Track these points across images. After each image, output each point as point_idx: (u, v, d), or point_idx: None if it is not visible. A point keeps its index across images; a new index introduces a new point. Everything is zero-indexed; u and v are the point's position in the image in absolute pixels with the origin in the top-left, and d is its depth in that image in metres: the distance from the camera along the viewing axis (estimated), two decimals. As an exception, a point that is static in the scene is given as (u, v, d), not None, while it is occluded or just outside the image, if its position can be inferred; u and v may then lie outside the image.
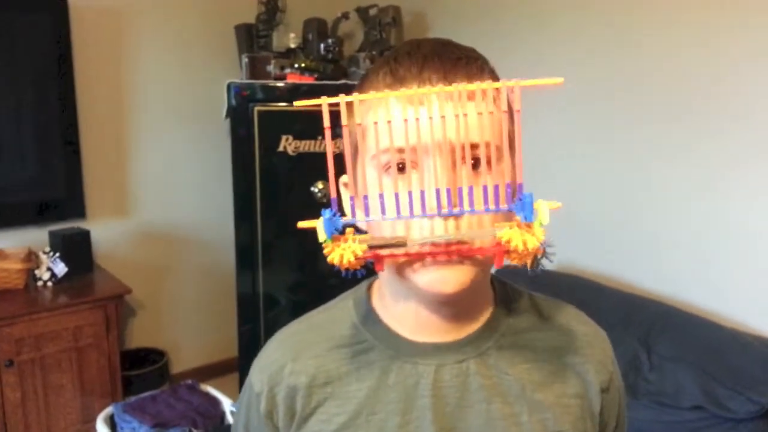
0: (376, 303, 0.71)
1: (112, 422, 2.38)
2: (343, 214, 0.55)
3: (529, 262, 0.54)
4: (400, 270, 0.60)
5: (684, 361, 1.94)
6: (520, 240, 0.52)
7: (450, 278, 0.58)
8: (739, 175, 2.03)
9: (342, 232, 0.54)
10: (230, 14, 3.00)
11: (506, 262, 0.56)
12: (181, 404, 2.44)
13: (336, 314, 0.72)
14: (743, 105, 2.00)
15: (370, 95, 0.54)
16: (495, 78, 0.61)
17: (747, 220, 2.03)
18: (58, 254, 2.57)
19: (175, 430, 2.25)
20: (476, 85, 0.52)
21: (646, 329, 2.07)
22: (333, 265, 0.53)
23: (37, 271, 2.55)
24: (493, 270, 0.65)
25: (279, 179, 2.78)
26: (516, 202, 0.53)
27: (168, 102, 2.99)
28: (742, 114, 2.00)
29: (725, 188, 2.07)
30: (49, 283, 2.54)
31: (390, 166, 0.58)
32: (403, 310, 0.67)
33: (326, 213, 0.53)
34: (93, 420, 2.39)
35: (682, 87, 2.15)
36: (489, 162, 0.55)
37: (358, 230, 0.56)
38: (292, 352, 0.70)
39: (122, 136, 2.92)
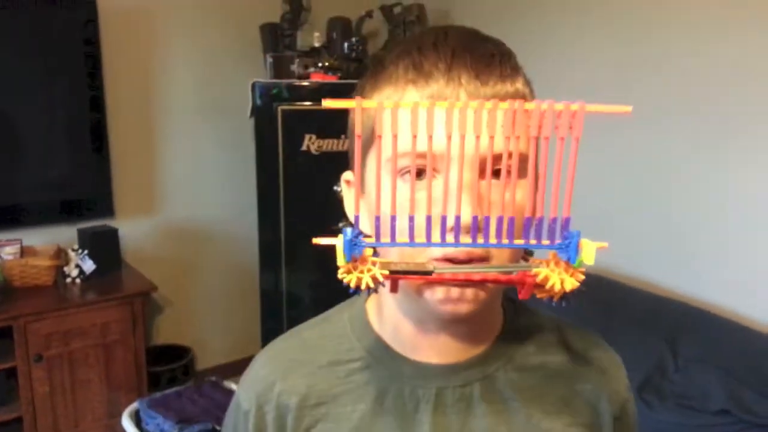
0: (373, 318, 0.65)
1: (137, 417, 2.41)
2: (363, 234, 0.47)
3: (556, 297, 0.49)
4: (418, 290, 0.54)
5: (710, 363, 1.90)
6: (557, 280, 0.47)
7: (465, 297, 0.53)
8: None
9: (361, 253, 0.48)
10: (255, 14, 3.02)
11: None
12: (205, 400, 2.47)
13: (329, 329, 0.66)
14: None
15: (403, 103, 0.43)
16: (526, 77, 0.55)
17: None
18: (86, 251, 2.62)
19: (198, 426, 2.27)
20: (534, 105, 0.43)
21: (672, 330, 2.04)
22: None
23: (66, 268, 2.59)
24: None
25: (302, 178, 2.79)
26: (560, 241, 0.46)
27: (194, 101, 3.02)
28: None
29: (756, 188, 2.03)
30: (78, 280, 2.58)
31: (406, 171, 0.51)
32: (405, 326, 0.61)
33: (348, 233, 0.46)
34: (119, 415, 2.43)
35: (711, 83, 2.11)
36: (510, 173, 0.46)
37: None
38: (282, 369, 0.64)
39: (149, 135, 2.96)
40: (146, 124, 2.94)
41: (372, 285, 0.47)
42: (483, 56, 0.52)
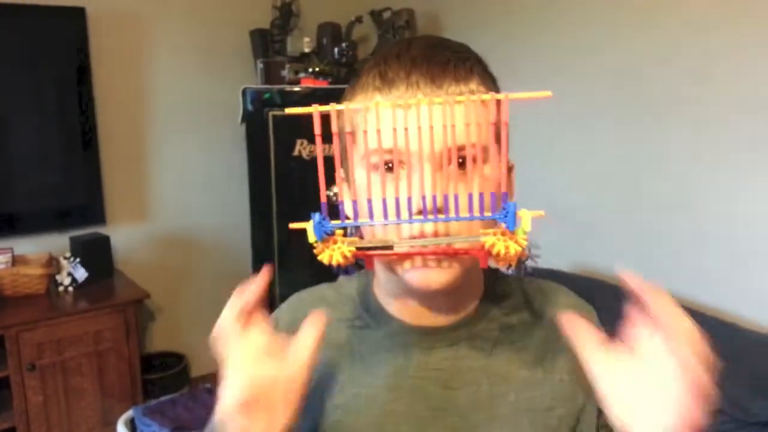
0: (377, 288, 0.73)
1: (132, 425, 2.40)
2: (334, 217, 0.57)
3: (513, 263, 0.57)
4: (390, 267, 0.63)
5: (704, 362, 1.91)
6: (502, 246, 0.55)
7: (434, 277, 0.60)
8: (763, 174, 2.01)
9: (332, 234, 0.57)
10: (245, 20, 3.03)
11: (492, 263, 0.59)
12: (200, 408, 2.46)
13: (342, 291, 0.76)
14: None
15: (360, 104, 0.57)
16: (485, 77, 0.62)
17: None
18: (78, 260, 2.61)
19: (194, 433, 2.27)
20: (465, 98, 0.54)
21: (665, 331, 2.05)
22: (324, 265, 0.57)
23: (58, 277, 2.58)
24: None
25: (294, 183, 2.79)
26: (500, 211, 0.55)
27: (185, 108, 3.02)
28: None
29: (751, 190, 2.05)
30: (70, 288, 2.57)
31: (379, 167, 0.59)
32: (396, 299, 0.70)
33: (316, 217, 0.56)
34: (114, 423, 2.42)
35: (706, 85, 2.13)
36: (475, 161, 0.56)
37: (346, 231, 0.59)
38: (299, 313, 0.69)
39: (140, 143, 2.95)
40: (137, 131, 2.93)
41: (341, 260, 0.56)
42: (439, 63, 0.59)
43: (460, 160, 0.57)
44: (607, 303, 2.27)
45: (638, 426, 0.51)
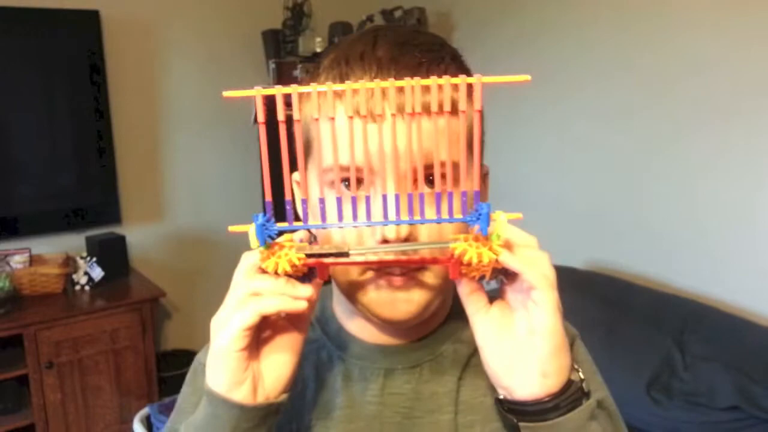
0: (336, 304, 0.66)
1: (148, 422, 2.42)
2: (281, 220, 0.49)
3: (487, 275, 0.50)
4: (347, 291, 0.55)
5: (719, 360, 1.90)
6: (474, 253, 0.47)
7: (401, 303, 0.54)
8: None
9: (276, 239, 0.49)
10: (257, 20, 3.04)
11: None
12: (215, 405, 2.47)
13: None
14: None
15: (310, 87, 0.46)
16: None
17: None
18: (94, 259, 2.64)
19: (209, 431, 2.28)
20: (432, 80, 0.45)
21: (680, 327, 2.04)
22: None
23: (74, 276, 2.61)
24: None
25: (307, 182, 2.80)
26: (471, 213, 0.47)
27: (198, 108, 3.04)
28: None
29: (760, 184, 2.03)
30: (87, 287, 2.60)
31: (336, 182, 0.50)
32: (353, 313, 0.62)
33: (259, 218, 0.48)
34: (130, 420, 2.44)
35: (711, 80, 2.12)
36: (444, 179, 0.47)
37: (315, 238, 0.53)
38: None
39: (155, 143, 2.98)
40: (151, 132, 2.96)
41: (288, 269, 0.48)
42: (408, 67, 0.52)
43: (429, 177, 0.51)
44: (612, 297, 2.25)
45: (518, 382, 0.51)
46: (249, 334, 0.50)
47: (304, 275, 0.50)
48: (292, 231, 0.50)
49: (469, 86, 0.45)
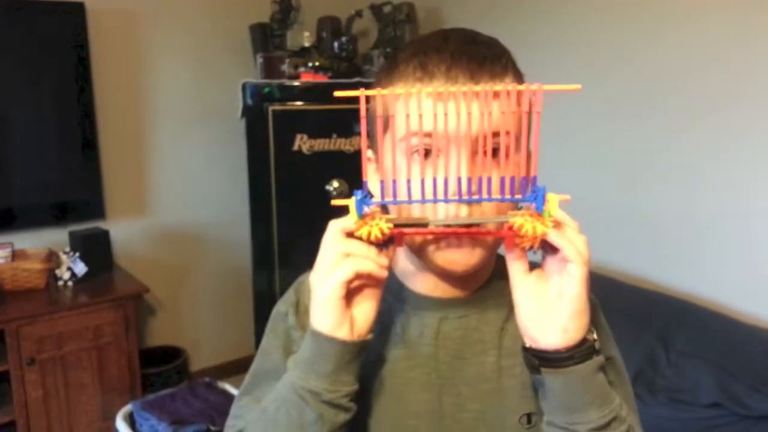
0: (396, 262, 0.75)
1: (131, 419, 2.41)
2: (371, 195, 0.61)
3: (535, 245, 0.60)
4: (419, 248, 0.67)
5: (702, 357, 1.92)
6: (530, 226, 0.58)
7: (460, 259, 0.66)
8: (764, 169, 2.01)
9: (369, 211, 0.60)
10: (245, 14, 3.02)
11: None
12: (199, 402, 2.46)
13: None
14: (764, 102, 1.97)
15: (403, 90, 0.59)
16: (516, 73, 0.66)
17: None
18: (78, 254, 2.61)
19: (192, 427, 2.27)
20: (501, 86, 0.58)
21: (664, 325, 2.06)
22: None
23: (57, 271, 2.58)
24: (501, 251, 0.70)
25: (294, 178, 2.79)
26: (529, 194, 0.59)
27: (184, 102, 3.02)
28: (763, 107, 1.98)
29: (749, 183, 2.05)
30: (70, 283, 2.57)
31: (417, 150, 0.62)
32: (415, 272, 0.73)
33: (358, 194, 0.59)
34: (113, 417, 2.42)
35: (700, 82, 2.13)
36: (507, 150, 0.59)
37: (384, 210, 0.62)
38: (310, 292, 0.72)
39: (140, 137, 2.95)
40: (136, 125, 2.93)
41: (379, 236, 0.59)
42: (476, 59, 0.63)
43: (495, 148, 0.60)
44: (613, 298, 2.27)
45: (543, 333, 0.62)
46: (346, 285, 0.61)
47: (383, 242, 0.61)
48: (383, 206, 0.62)
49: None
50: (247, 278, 2.99)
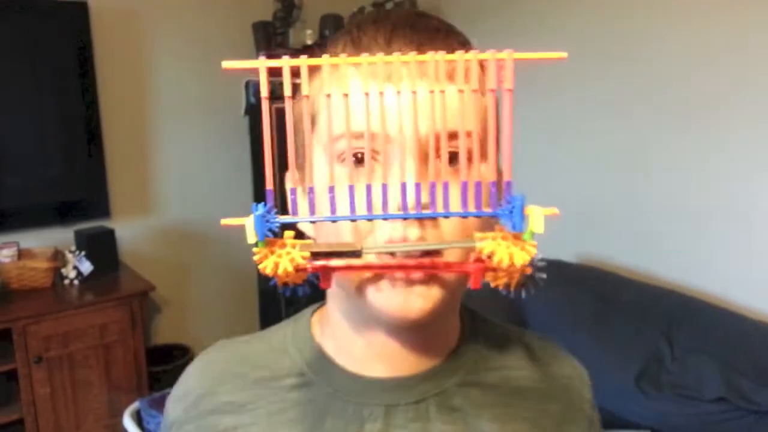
0: (317, 332, 0.58)
1: (138, 417, 2.42)
2: (282, 212, 0.42)
3: (513, 282, 0.42)
4: (359, 287, 0.47)
5: (707, 352, 1.92)
6: (505, 254, 0.39)
7: (414, 301, 0.46)
8: (765, 164, 2.01)
9: (279, 235, 0.41)
10: (247, 12, 3.02)
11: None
12: (206, 399, 2.47)
13: (268, 344, 0.59)
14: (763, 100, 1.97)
15: (322, 60, 0.40)
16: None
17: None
18: (83, 253, 2.62)
19: (200, 425, 2.27)
20: (458, 55, 0.39)
21: (668, 321, 2.06)
22: (268, 277, 0.41)
23: (63, 270, 2.60)
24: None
25: (298, 176, 2.79)
26: (503, 206, 0.40)
27: (188, 101, 3.03)
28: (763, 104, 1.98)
29: (752, 178, 2.05)
30: (76, 282, 2.59)
31: (344, 157, 0.45)
32: (350, 336, 0.54)
33: (258, 208, 0.41)
34: (120, 415, 2.43)
35: (701, 79, 2.12)
36: (470, 156, 0.40)
37: (299, 234, 0.42)
38: (210, 383, 0.58)
39: (144, 136, 2.96)
40: (140, 124, 2.94)
41: (290, 269, 0.40)
42: (426, 29, 0.48)
43: (450, 155, 0.43)
44: (602, 291, 2.25)
45: None
46: None
47: (303, 281, 0.42)
48: (293, 225, 0.42)
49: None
50: (253, 275, 3.00)
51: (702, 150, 2.16)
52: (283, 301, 2.85)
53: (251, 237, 0.41)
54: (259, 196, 2.85)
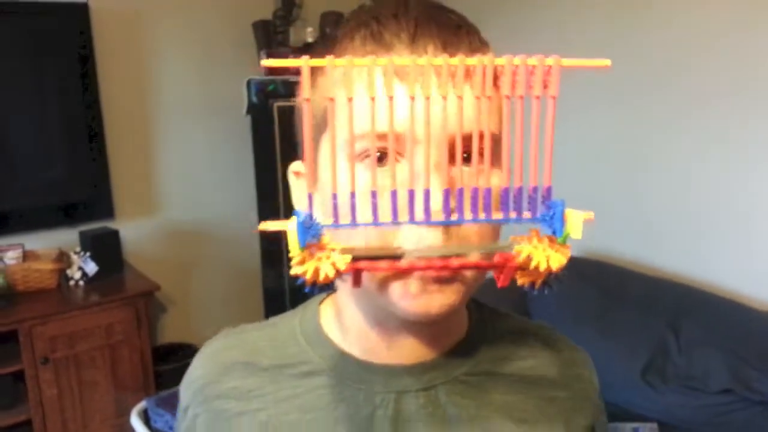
0: (326, 321, 0.58)
1: (146, 416, 2.43)
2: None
3: (538, 281, 0.42)
4: (381, 284, 0.46)
5: (713, 344, 1.92)
6: (542, 257, 0.40)
7: (436, 298, 0.46)
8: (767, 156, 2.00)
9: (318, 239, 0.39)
10: (248, 11, 3.02)
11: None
12: (212, 397, 2.47)
13: (275, 332, 0.60)
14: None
15: (366, 60, 0.37)
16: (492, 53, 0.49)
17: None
18: (88, 254, 2.63)
19: (207, 423, 2.28)
20: (505, 60, 0.38)
21: (674, 312, 2.05)
22: (296, 277, 0.39)
23: (68, 271, 2.60)
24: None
25: (301, 173, 2.79)
26: (543, 211, 0.40)
27: (190, 100, 3.03)
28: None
29: (754, 169, 2.04)
30: (81, 282, 2.59)
31: (367, 155, 0.44)
32: (364, 327, 0.54)
33: (300, 215, 0.38)
34: (127, 414, 2.44)
35: (704, 72, 2.12)
36: (492, 157, 0.40)
37: None
38: (218, 371, 0.59)
39: (146, 136, 2.96)
40: (142, 124, 2.94)
41: (331, 275, 0.39)
42: (449, 26, 0.47)
43: (468, 155, 0.42)
44: (607, 284, 2.25)
45: None
46: None
47: (330, 283, 0.41)
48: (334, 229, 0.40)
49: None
50: (257, 274, 3.00)
51: (705, 142, 2.15)
52: (288, 299, 2.85)
53: (294, 246, 0.38)
54: (262, 194, 2.86)
